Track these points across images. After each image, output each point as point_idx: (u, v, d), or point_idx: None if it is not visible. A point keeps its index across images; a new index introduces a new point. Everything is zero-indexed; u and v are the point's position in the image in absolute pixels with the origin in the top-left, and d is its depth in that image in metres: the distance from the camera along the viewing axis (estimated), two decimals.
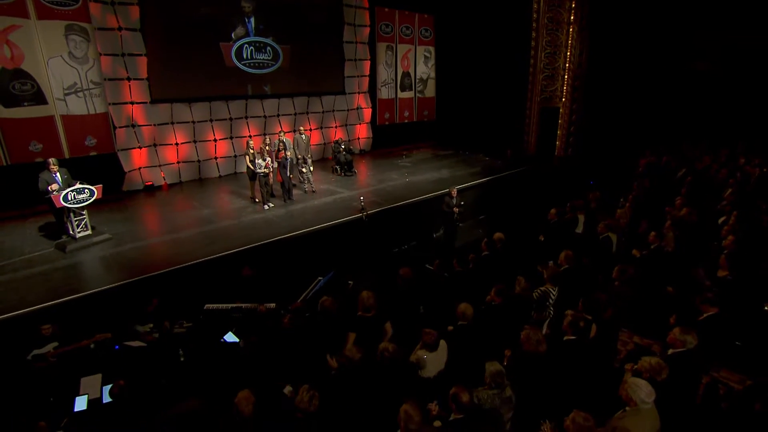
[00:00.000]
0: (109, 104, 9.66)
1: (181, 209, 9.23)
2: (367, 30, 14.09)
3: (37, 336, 5.01)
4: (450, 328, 4.39)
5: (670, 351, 3.87)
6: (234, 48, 11.36)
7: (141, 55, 9.94)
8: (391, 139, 15.54)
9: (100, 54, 9.32)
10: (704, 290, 4.93)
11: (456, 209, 8.37)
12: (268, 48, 11.97)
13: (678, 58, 14.55)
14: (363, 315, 4.25)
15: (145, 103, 10.29)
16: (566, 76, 13.91)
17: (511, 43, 14.32)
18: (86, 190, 7.02)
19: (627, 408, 3.23)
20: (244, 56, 11.58)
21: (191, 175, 11.43)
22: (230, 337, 5.12)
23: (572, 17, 13.31)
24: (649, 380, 3.44)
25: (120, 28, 9.50)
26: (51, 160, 7.08)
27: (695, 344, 3.77)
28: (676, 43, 14.38)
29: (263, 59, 11.95)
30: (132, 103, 10.05)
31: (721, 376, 4.70)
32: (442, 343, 4.08)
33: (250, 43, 11.61)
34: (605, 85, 13.91)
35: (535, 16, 13.70)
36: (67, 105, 9.04)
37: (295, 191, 9.90)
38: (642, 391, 3.09)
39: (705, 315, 4.56)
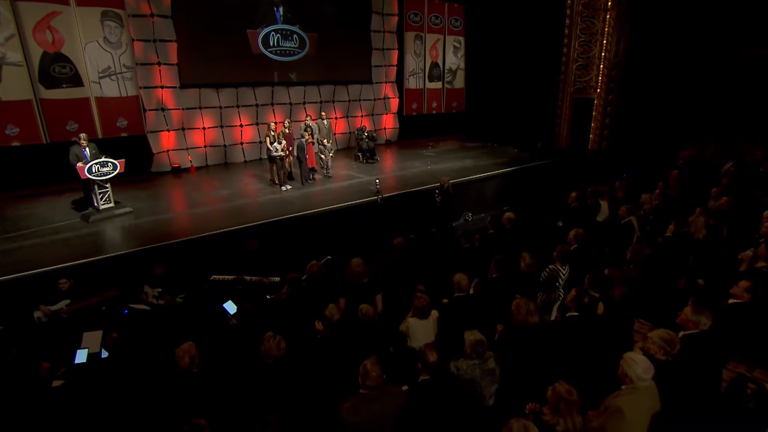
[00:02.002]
0: (140, 88, 10.07)
1: (202, 189, 9.48)
2: (396, 19, 13.98)
3: (54, 291, 5.29)
4: (445, 300, 4.21)
5: (681, 333, 3.51)
6: (261, 35, 11.56)
7: (171, 41, 10.31)
8: (417, 130, 15.33)
9: (133, 39, 9.73)
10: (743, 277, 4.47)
11: (436, 194, 7.96)
12: (295, 36, 12.11)
13: (726, 45, 13.47)
14: (353, 282, 4.15)
15: (175, 87, 10.65)
16: (602, 66, 13.23)
17: (544, 31, 13.79)
18: (109, 164, 7.31)
19: (623, 386, 2.95)
20: (271, 43, 11.77)
21: (217, 159, 11.74)
22: (229, 305, 5.17)
23: (609, 3, 12.64)
24: (663, 355, 3.16)
25: (152, 15, 9.88)
26: (81, 135, 7.48)
27: (709, 325, 3.41)
28: (724, 27, 13.32)
29: (290, 47, 12.10)
30: (162, 87, 10.43)
31: (755, 376, 4.26)
32: (434, 313, 3.93)
33: (276, 31, 11.79)
34: (644, 74, 13.12)
35: (569, 2, 13.14)
36: (101, 87, 9.50)
37: (314, 175, 9.95)
38: (639, 366, 2.81)
39: (732, 301, 4.15)
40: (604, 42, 13.07)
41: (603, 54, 13.17)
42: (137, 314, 5.27)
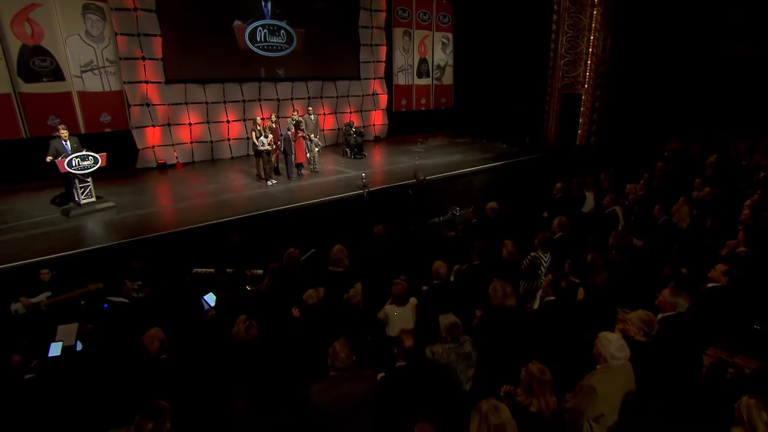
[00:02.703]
0: (124, 83, 9.94)
1: (187, 184, 9.40)
2: (384, 15, 13.95)
3: (36, 283, 5.17)
4: (424, 288, 4.18)
5: (660, 315, 3.51)
6: (248, 30, 11.47)
7: (156, 35, 10.18)
8: (407, 126, 15.28)
9: (116, 33, 9.60)
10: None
11: (410, 191, 7.89)
12: (282, 31, 12.03)
13: (714, 41, 13.61)
14: (332, 270, 4.10)
15: (160, 82, 10.53)
16: (589, 61, 13.30)
17: (532, 27, 13.85)
18: (90, 157, 7.20)
19: (598, 366, 2.93)
20: (258, 39, 11.68)
21: (204, 155, 11.61)
22: (210, 297, 5.10)
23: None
24: (642, 336, 3.16)
25: (135, 9, 9.75)
26: (60, 127, 7.31)
27: (687, 307, 3.41)
28: (710, 24, 13.45)
29: (277, 42, 12.02)
30: (147, 82, 10.30)
31: (736, 362, 4.28)
32: (412, 300, 3.89)
33: (264, 26, 11.70)
34: (632, 70, 13.20)
35: None
36: (83, 82, 9.36)
37: (302, 171, 9.87)
38: (612, 345, 2.79)
39: (711, 285, 4.16)
40: (592, 38, 13.13)
41: (590, 50, 13.24)
42: (116, 307, 5.18)
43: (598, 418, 2.80)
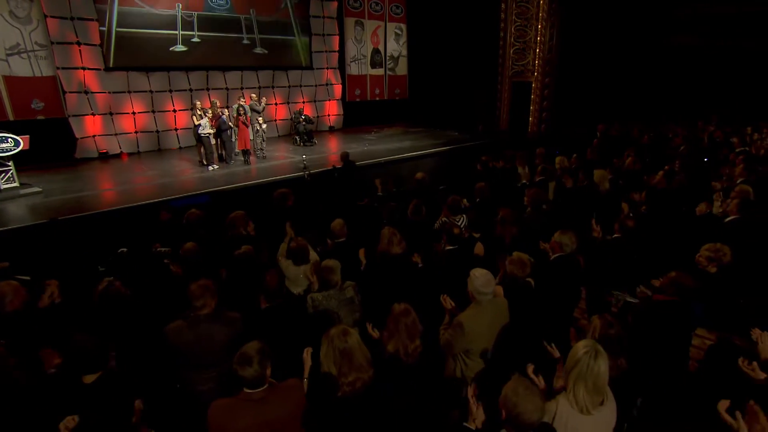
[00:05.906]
0: (58, 68, 9.57)
1: (125, 172, 9.14)
2: (335, 4, 13.91)
3: None
4: (329, 242, 4.17)
5: (552, 256, 3.62)
6: None
7: (92, 19, 9.86)
8: (362, 117, 15.24)
9: (46, 15, 9.23)
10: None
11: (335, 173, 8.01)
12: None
13: (658, 32, 14.18)
14: (235, 233, 4.05)
15: (99, 69, 10.20)
16: (538, 50, 13.61)
17: (482, 16, 14.08)
18: (10, 140, 6.91)
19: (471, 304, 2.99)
20: None
21: (150, 145, 11.31)
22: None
23: None
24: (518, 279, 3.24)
25: None
26: None
27: (573, 247, 3.52)
28: (656, 15, 14.01)
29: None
30: (84, 68, 9.95)
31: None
32: (314, 256, 3.86)
33: None
34: (580, 59, 13.59)
35: None
36: (9, 66, 8.96)
37: (248, 158, 9.76)
38: (477, 280, 2.84)
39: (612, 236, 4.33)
40: (539, 26, 13.43)
41: (538, 38, 13.54)
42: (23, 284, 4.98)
43: (467, 352, 2.86)
